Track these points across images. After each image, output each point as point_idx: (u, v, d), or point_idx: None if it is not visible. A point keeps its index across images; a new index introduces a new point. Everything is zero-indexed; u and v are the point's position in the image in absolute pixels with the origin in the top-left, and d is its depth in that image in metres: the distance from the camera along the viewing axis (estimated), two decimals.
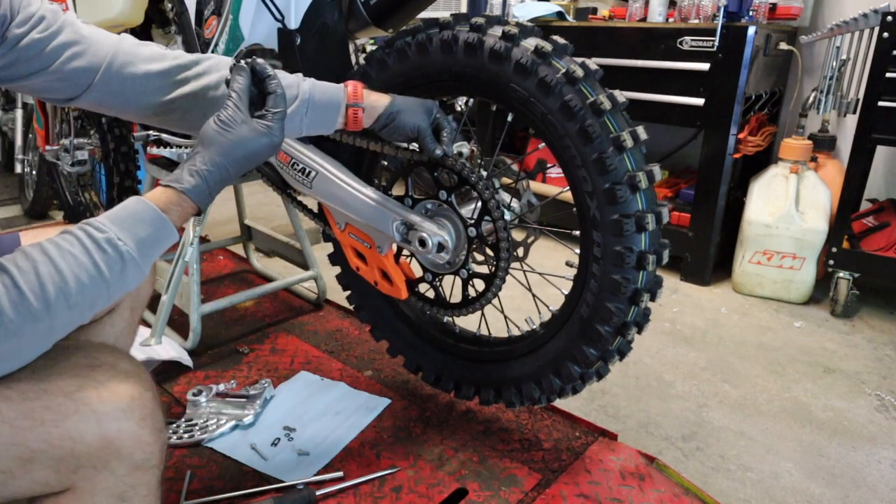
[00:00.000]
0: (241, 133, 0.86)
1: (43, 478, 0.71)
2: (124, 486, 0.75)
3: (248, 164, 0.88)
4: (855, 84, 2.45)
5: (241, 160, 0.86)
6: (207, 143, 0.85)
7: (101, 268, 0.71)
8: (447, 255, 1.20)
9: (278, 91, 0.90)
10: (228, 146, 0.85)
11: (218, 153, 0.84)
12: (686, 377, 1.95)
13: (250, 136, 0.86)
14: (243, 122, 0.86)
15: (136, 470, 0.75)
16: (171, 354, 1.59)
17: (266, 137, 0.87)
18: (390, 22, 1.35)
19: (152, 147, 1.68)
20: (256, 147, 0.87)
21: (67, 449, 0.71)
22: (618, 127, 1.05)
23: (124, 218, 0.75)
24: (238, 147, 0.85)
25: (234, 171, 0.86)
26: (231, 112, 0.86)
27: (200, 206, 0.83)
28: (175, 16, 1.52)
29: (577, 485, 1.27)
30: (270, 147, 0.88)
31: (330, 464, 1.30)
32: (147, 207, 0.77)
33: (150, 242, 0.76)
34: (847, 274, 2.38)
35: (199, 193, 0.82)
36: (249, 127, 0.86)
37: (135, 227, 0.75)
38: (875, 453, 1.63)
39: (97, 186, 2.48)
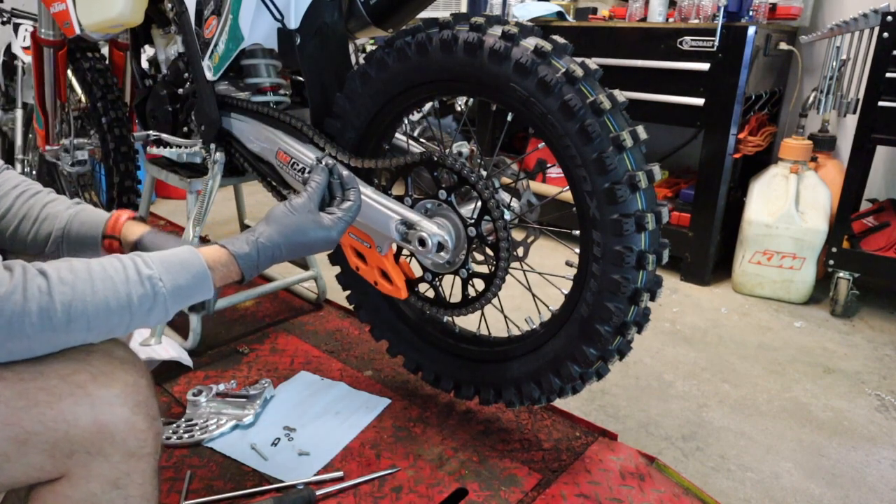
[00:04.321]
0: (305, 221, 0.93)
1: (38, 462, 0.71)
2: (119, 472, 0.75)
3: (301, 250, 0.93)
4: (855, 84, 2.45)
5: (297, 245, 0.92)
6: (272, 221, 0.91)
7: (133, 301, 0.73)
8: (447, 254, 1.20)
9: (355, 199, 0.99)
10: (290, 229, 0.91)
11: (278, 232, 0.90)
12: (686, 377, 1.95)
13: (312, 227, 0.93)
14: (310, 213, 0.94)
15: (131, 457, 0.76)
16: (171, 354, 1.59)
17: (325, 231, 0.94)
18: (390, 22, 1.35)
19: (152, 147, 1.68)
20: (315, 237, 0.93)
21: (62, 432, 0.71)
22: (617, 127, 1.05)
23: (173, 262, 0.78)
24: (298, 233, 0.92)
25: (287, 253, 0.91)
26: (303, 201, 0.94)
27: (245, 274, 0.87)
28: (175, 16, 1.52)
29: (577, 485, 1.27)
30: (327, 242, 0.95)
31: (330, 464, 1.30)
32: (197, 260, 0.81)
33: (187, 291, 0.79)
34: (847, 274, 2.38)
35: (248, 262, 0.87)
36: (314, 218, 0.94)
37: (179, 273, 0.78)
38: (875, 453, 1.63)
39: (97, 186, 2.48)
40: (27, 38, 2.98)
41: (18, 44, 3.05)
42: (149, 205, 1.89)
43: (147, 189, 1.88)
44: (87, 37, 1.80)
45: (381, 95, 1.26)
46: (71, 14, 1.66)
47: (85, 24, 1.61)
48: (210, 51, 1.42)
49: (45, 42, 1.99)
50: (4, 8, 3.07)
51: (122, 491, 0.77)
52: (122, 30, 1.78)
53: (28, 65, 2.86)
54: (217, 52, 1.41)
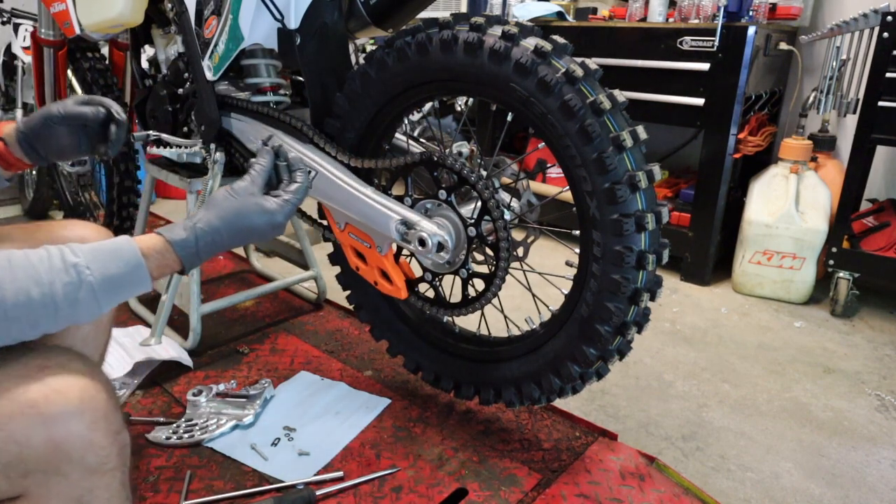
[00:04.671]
0: (247, 204, 0.88)
1: None
2: (80, 490, 0.73)
3: (244, 236, 0.88)
4: (855, 84, 2.45)
5: (239, 230, 0.87)
6: (212, 205, 0.87)
7: (57, 289, 0.70)
8: (447, 254, 1.20)
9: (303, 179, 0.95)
10: (230, 213, 0.86)
11: (217, 217, 0.85)
12: (686, 377, 1.95)
13: (254, 210, 0.88)
14: (252, 195, 0.89)
15: (93, 474, 0.73)
16: (171, 354, 1.59)
17: (269, 215, 0.89)
18: (390, 22, 1.35)
19: (152, 147, 1.68)
20: (258, 222, 0.88)
21: (14, 453, 0.69)
22: (617, 126, 1.05)
23: (102, 251, 0.75)
24: (239, 216, 0.87)
25: (228, 239, 0.86)
26: (245, 184, 0.90)
27: (184, 263, 0.82)
28: (175, 16, 1.52)
29: (577, 485, 1.27)
30: (271, 226, 0.90)
31: (330, 464, 1.30)
32: (130, 247, 0.76)
33: (118, 281, 0.75)
34: (847, 274, 2.38)
35: (186, 249, 0.82)
36: (256, 201, 0.89)
37: (109, 262, 0.74)
38: (875, 453, 1.63)
39: (97, 186, 2.48)
40: (27, 38, 2.98)
41: (18, 44, 3.04)
42: (149, 205, 1.89)
43: (147, 189, 1.88)
44: (87, 37, 1.80)
45: (381, 95, 1.26)
46: (71, 14, 1.66)
47: (85, 24, 1.61)
48: (210, 51, 1.42)
49: (45, 42, 1.99)
50: (4, 8, 3.06)
51: None
52: (122, 30, 1.78)
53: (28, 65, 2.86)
54: (217, 52, 1.41)
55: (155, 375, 1.58)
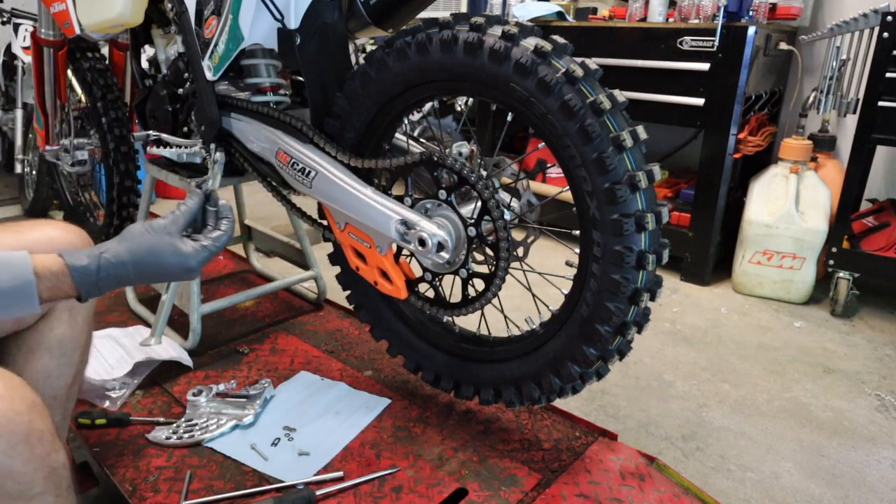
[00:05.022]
0: (161, 243, 0.84)
1: None
2: None
3: (153, 275, 0.85)
4: (855, 84, 2.45)
5: (148, 268, 0.83)
6: (124, 238, 0.83)
7: None
8: (447, 254, 1.20)
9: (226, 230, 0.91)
10: (142, 248, 0.83)
11: (127, 250, 0.82)
12: (686, 377, 1.95)
13: (168, 250, 0.84)
14: (169, 235, 0.85)
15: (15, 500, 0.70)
16: (171, 354, 1.59)
17: (182, 258, 0.85)
18: (390, 22, 1.35)
19: (152, 147, 1.68)
20: (169, 262, 0.84)
21: None
22: (617, 126, 1.04)
23: None
24: (150, 254, 0.83)
25: (135, 275, 0.83)
26: (165, 223, 0.86)
27: (80, 291, 0.78)
28: (175, 16, 1.52)
29: (577, 485, 1.26)
30: (182, 270, 0.86)
31: (330, 464, 1.30)
32: (23, 262, 0.72)
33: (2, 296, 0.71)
34: (847, 274, 2.38)
35: (85, 277, 0.77)
36: (172, 240, 0.85)
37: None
38: (875, 453, 1.63)
39: (97, 186, 2.48)
40: (27, 38, 2.99)
41: (18, 44, 3.05)
42: (149, 205, 1.89)
43: (147, 189, 1.88)
44: (87, 37, 1.80)
45: (381, 95, 1.26)
46: (71, 14, 1.66)
47: (85, 24, 1.61)
48: (210, 51, 1.42)
49: (45, 42, 1.99)
50: (4, 8, 3.07)
51: None
52: (122, 30, 1.78)
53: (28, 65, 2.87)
54: (217, 52, 1.41)
55: (155, 375, 1.58)
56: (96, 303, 1.12)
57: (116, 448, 1.33)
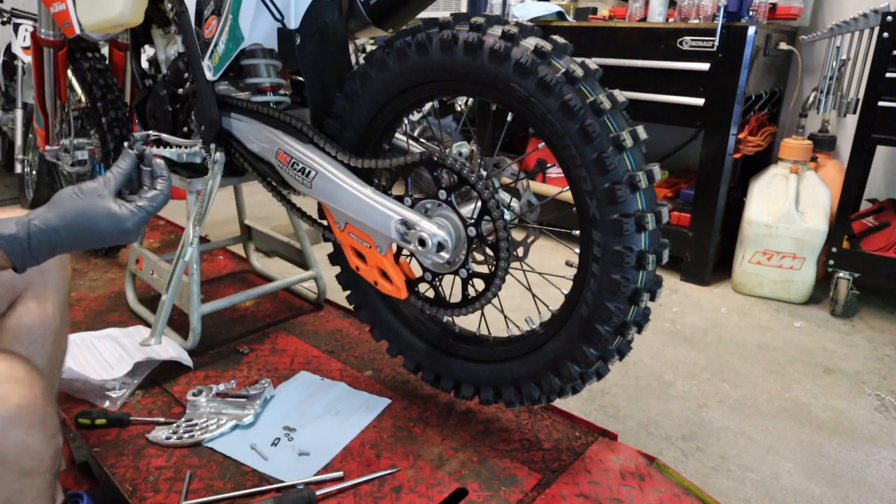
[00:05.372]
0: (93, 205, 0.82)
1: None
2: (11, 490, 0.75)
3: (85, 238, 0.83)
4: (855, 84, 2.46)
5: (79, 231, 0.81)
6: (53, 203, 0.81)
7: None
8: (447, 254, 1.20)
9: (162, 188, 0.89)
10: (72, 212, 0.81)
11: (57, 216, 0.80)
12: (686, 377, 1.95)
13: (100, 212, 0.82)
14: (100, 197, 0.83)
15: (24, 476, 0.75)
16: (171, 354, 1.59)
17: (117, 220, 0.83)
18: (390, 22, 1.35)
19: (152, 147, 1.67)
20: (103, 225, 0.82)
21: None
22: (617, 126, 1.04)
23: None
24: (81, 216, 0.81)
25: (68, 240, 0.81)
26: (95, 185, 0.84)
27: (13, 261, 0.78)
28: (175, 16, 1.52)
29: (577, 485, 1.26)
30: (118, 232, 0.84)
31: (330, 464, 1.30)
32: None
33: None
34: (847, 274, 2.38)
35: (15, 246, 0.77)
36: (104, 203, 0.83)
37: None
38: (875, 453, 1.63)
39: None
40: (27, 38, 2.99)
41: (18, 44, 3.05)
42: None
43: None
44: (87, 37, 1.80)
45: (381, 95, 1.26)
46: (71, 14, 1.66)
47: (85, 24, 1.61)
48: (210, 51, 1.42)
49: (45, 42, 1.99)
50: (4, 8, 3.07)
51: None
52: (122, 30, 1.78)
53: (28, 65, 2.87)
54: (217, 52, 1.41)
55: (155, 375, 1.58)
56: (68, 289, 1.11)
57: (116, 448, 1.33)
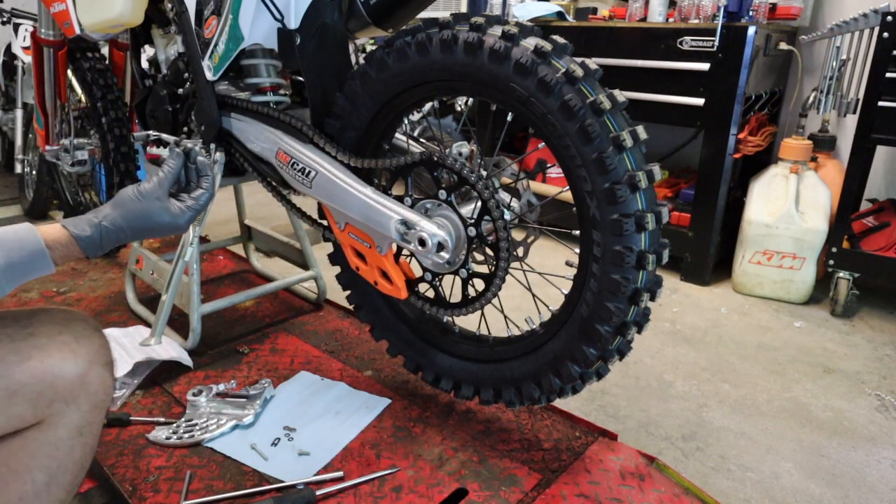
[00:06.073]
0: (152, 207, 0.94)
1: (21, 412, 0.80)
2: (84, 421, 0.85)
3: (146, 234, 0.96)
4: (855, 84, 2.46)
5: (141, 230, 0.94)
6: (118, 204, 0.93)
7: None
8: (447, 254, 1.20)
9: (207, 187, 1.01)
10: (135, 215, 0.93)
11: (122, 217, 0.92)
12: (686, 377, 1.95)
13: (158, 212, 0.95)
14: (157, 199, 0.95)
15: (96, 408, 0.86)
16: (171, 354, 1.59)
17: (171, 218, 0.96)
18: (390, 22, 1.35)
19: (152, 147, 1.68)
20: (160, 223, 0.95)
21: (48, 383, 0.80)
22: (617, 126, 1.04)
23: (7, 239, 0.81)
24: (143, 218, 0.94)
25: (132, 236, 0.94)
26: (151, 187, 0.96)
27: (87, 253, 0.89)
28: (175, 16, 1.52)
29: (577, 485, 1.26)
30: (172, 227, 0.97)
31: (330, 464, 1.30)
32: (33, 238, 0.83)
33: (21, 269, 0.81)
34: (847, 274, 2.38)
35: (90, 244, 0.89)
36: (162, 204, 0.95)
37: (12, 250, 0.80)
38: (875, 453, 1.63)
39: (97, 186, 2.48)
40: (27, 38, 2.99)
41: (18, 44, 3.05)
42: None
43: None
44: (87, 37, 1.80)
45: (381, 95, 1.26)
46: (71, 14, 1.66)
47: (85, 24, 1.61)
48: (210, 51, 1.42)
49: (45, 42, 1.99)
50: (4, 8, 3.07)
51: (82, 438, 0.86)
52: (122, 30, 1.78)
53: (28, 65, 2.87)
54: (217, 52, 1.41)
55: (155, 375, 1.58)
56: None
57: (116, 448, 1.33)
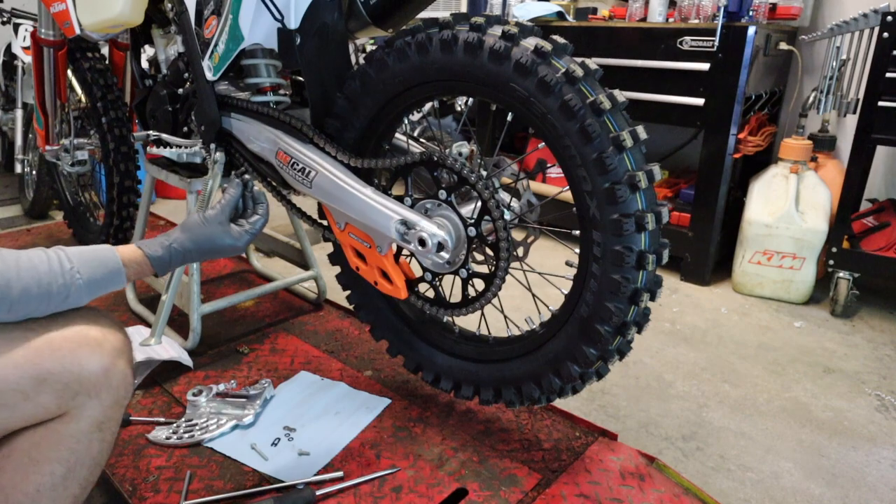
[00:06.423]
0: (216, 232, 1.08)
1: (47, 402, 0.83)
2: (104, 416, 0.88)
3: (210, 255, 1.09)
4: (855, 84, 2.45)
5: (206, 251, 1.07)
6: (186, 229, 1.06)
7: (53, 291, 0.85)
8: (447, 254, 1.20)
9: (262, 213, 1.15)
10: (201, 238, 1.06)
11: (190, 240, 1.05)
12: (686, 377, 1.95)
13: (221, 237, 1.08)
14: (220, 224, 1.09)
15: (116, 404, 0.89)
16: (171, 354, 1.59)
17: (232, 240, 1.09)
18: (390, 22, 1.35)
19: (152, 147, 1.68)
20: (223, 246, 1.09)
21: (75, 374, 0.84)
22: (617, 126, 1.04)
23: (91, 259, 0.91)
24: (208, 241, 1.07)
25: (197, 257, 1.07)
26: (215, 213, 1.09)
27: (157, 272, 1.01)
28: (175, 16, 1.52)
29: (577, 485, 1.27)
30: (233, 250, 1.10)
31: (330, 464, 1.30)
32: (113, 258, 0.94)
33: (101, 284, 0.91)
34: (847, 274, 2.38)
35: (161, 264, 1.01)
36: (224, 228, 1.09)
37: (95, 268, 0.90)
38: (875, 453, 1.63)
39: (97, 186, 2.48)
40: (27, 38, 2.98)
41: (18, 44, 3.05)
42: (149, 205, 1.89)
43: (147, 189, 1.88)
44: (87, 37, 1.80)
45: (381, 95, 1.26)
46: (71, 14, 1.66)
47: (85, 24, 1.61)
48: (210, 51, 1.42)
49: (45, 42, 1.99)
50: (4, 8, 3.07)
51: (101, 434, 0.89)
52: (122, 30, 1.78)
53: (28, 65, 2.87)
54: (217, 52, 1.41)
55: (155, 375, 1.58)
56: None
57: (116, 448, 1.33)
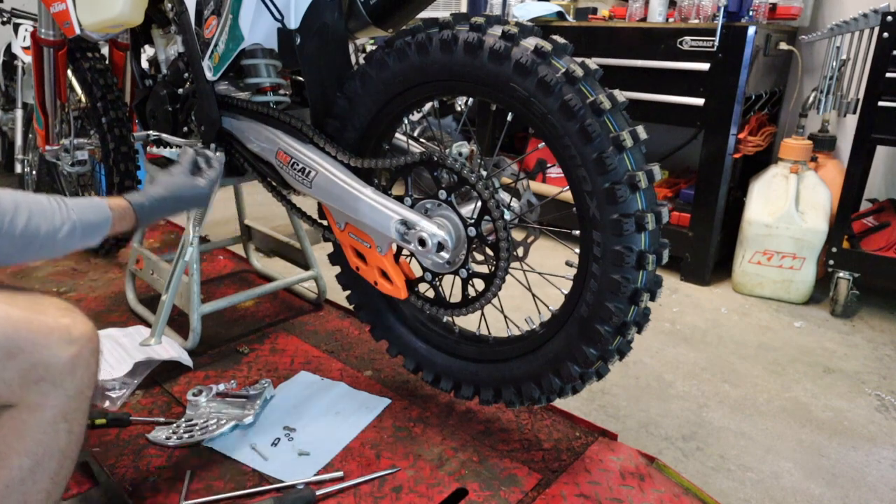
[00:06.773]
0: (184, 181, 1.25)
1: (9, 379, 0.83)
2: (69, 407, 0.89)
3: (182, 203, 1.24)
4: (855, 84, 2.45)
5: (178, 199, 1.22)
6: (158, 182, 1.22)
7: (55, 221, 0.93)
8: (447, 254, 1.20)
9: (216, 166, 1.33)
10: (171, 186, 1.22)
11: (163, 188, 1.21)
12: (686, 377, 1.95)
13: (189, 185, 1.25)
14: (185, 175, 1.27)
15: (80, 395, 0.90)
16: (171, 354, 1.59)
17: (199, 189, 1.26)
18: (390, 22, 1.35)
19: (152, 147, 1.68)
20: (190, 192, 1.25)
21: (43, 358, 0.85)
22: (617, 126, 1.04)
23: (85, 205, 1.02)
24: (179, 188, 1.23)
25: (172, 205, 1.21)
26: (178, 168, 1.27)
27: (139, 219, 1.12)
28: (175, 16, 1.52)
29: (577, 485, 1.27)
30: (203, 196, 1.27)
31: (330, 464, 1.30)
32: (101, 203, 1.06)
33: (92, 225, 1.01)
34: (847, 274, 2.38)
35: (142, 210, 1.12)
36: (187, 178, 1.26)
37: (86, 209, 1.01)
38: (875, 453, 1.63)
39: (97, 186, 2.48)
40: (27, 38, 2.98)
41: (18, 44, 3.05)
42: None
43: None
44: (87, 37, 1.80)
45: (381, 95, 1.26)
46: (71, 14, 1.66)
47: (85, 24, 1.61)
48: (210, 51, 1.42)
49: (45, 42, 1.99)
50: (4, 8, 3.07)
51: (68, 424, 0.89)
52: (122, 30, 1.78)
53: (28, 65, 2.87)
54: (217, 52, 1.41)
55: (155, 375, 1.58)
56: None
57: (116, 448, 1.33)
